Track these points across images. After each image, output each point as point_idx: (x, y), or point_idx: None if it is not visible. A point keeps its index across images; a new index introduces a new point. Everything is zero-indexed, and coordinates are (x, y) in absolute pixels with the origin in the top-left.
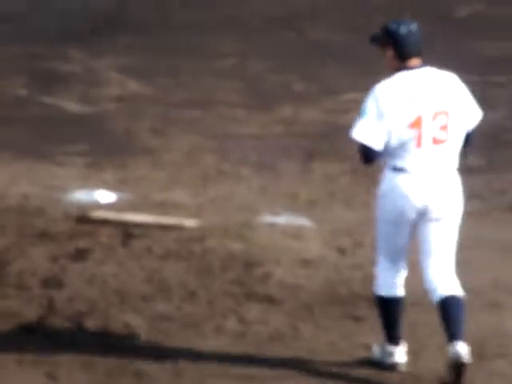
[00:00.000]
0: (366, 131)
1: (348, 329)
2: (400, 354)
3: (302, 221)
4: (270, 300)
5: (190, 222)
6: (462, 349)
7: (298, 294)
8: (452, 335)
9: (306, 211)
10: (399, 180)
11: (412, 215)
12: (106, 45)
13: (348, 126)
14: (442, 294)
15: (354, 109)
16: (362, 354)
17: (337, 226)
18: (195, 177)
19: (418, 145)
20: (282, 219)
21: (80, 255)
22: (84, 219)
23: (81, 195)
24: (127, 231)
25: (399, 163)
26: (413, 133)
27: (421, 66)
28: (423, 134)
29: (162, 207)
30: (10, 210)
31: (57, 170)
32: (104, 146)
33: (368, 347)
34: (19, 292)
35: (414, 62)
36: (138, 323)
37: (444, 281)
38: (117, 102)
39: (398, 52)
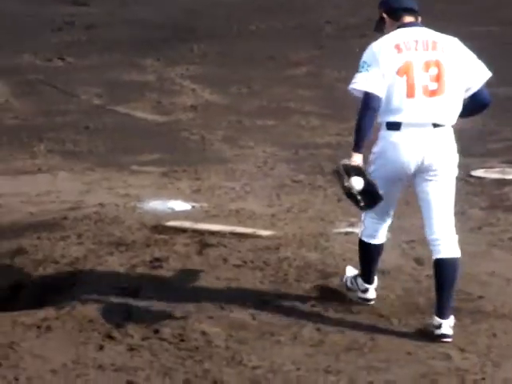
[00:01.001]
0: (366, 80)
1: (426, 338)
2: (372, 291)
3: None
4: (347, 310)
5: (265, 232)
6: (450, 329)
7: (375, 303)
8: (441, 312)
9: None
10: (393, 138)
11: (409, 171)
12: (179, 54)
13: None
14: (443, 255)
15: None
16: (440, 363)
17: (413, 235)
18: (270, 186)
19: (410, 95)
20: (359, 229)
21: (156, 264)
22: (160, 228)
23: (156, 204)
24: (202, 240)
25: (393, 118)
26: (402, 80)
27: (416, 24)
28: (414, 82)
29: (236, 217)
30: (87, 218)
31: (132, 180)
32: (178, 156)
33: (447, 356)
34: (97, 299)
35: (408, 19)
36: (215, 332)
37: (445, 240)
38: (191, 111)
39: (389, 13)
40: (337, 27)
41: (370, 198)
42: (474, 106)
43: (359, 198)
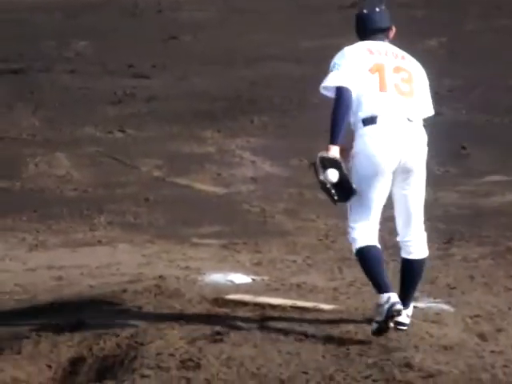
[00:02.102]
0: (337, 77)
1: None
2: (394, 297)
3: (441, 305)
4: None
5: (327, 306)
6: (406, 318)
7: (439, 379)
8: (403, 302)
9: (445, 295)
10: (370, 132)
11: (390, 166)
12: (240, 126)
13: (490, 209)
14: (413, 257)
15: (497, 192)
16: None
17: (477, 310)
18: (332, 259)
19: (382, 89)
20: (422, 303)
21: (217, 337)
22: (220, 301)
23: (217, 277)
24: (263, 314)
25: (367, 112)
26: (374, 77)
27: (383, 39)
28: (386, 79)
29: (298, 290)
30: (147, 291)
31: (192, 252)
32: (239, 228)
33: None
34: (158, 373)
35: (375, 38)
36: None
37: (417, 243)
38: (251, 183)
39: (359, 33)
40: None
41: (343, 191)
42: None
43: (333, 191)
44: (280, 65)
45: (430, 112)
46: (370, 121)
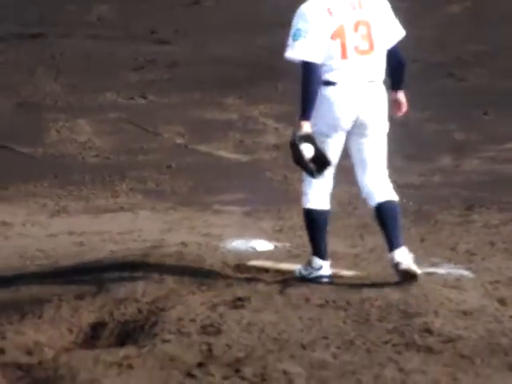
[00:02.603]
0: (304, 49)
1: (510, 379)
2: (326, 267)
3: (461, 271)
4: (429, 350)
5: (348, 272)
6: (405, 257)
7: (458, 344)
8: (392, 244)
9: (465, 261)
10: (330, 92)
11: (345, 125)
12: (262, 92)
13: (511, 176)
14: (379, 200)
15: None
16: None
17: (497, 276)
18: (353, 226)
19: (343, 56)
20: (442, 269)
21: (238, 303)
22: (242, 267)
23: (238, 244)
24: (285, 280)
25: (328, 76)
26: (336, 43)
27: None
28: (346, 44)
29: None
30: (169, 257)
31: (214, 219)
32: (261, 195)
33: None
34: (179, 338)
35: None
36: (296, 371)
37: (379, 188)
38: (274, 150)
39: None
40: (423, 66)
41: (319, 164)
42: (391, 64)
43: (311, 165)
44: None
45: (401, 33)
46: (329, 83)
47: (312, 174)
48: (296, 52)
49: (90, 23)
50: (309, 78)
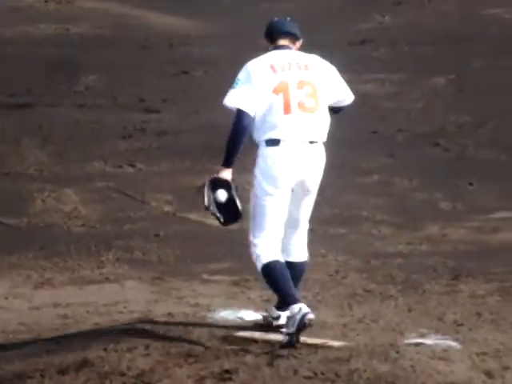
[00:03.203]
0: (238, 97)
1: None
2: (305, 307)
3: (449, 342)
4: None
5: (336, 342)
6: (306, 309)
7: None
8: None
9: (453, 332)
10: (273, 153)
11: (288, 184)
12: (250, 160)
13: (497, 246)
14: (294, 260)
15: (504, 228)
16: None
17: (484, 347)
18: (342, 296)
19: (286, 111)
20: (429, 340)
21: (225, 375)
22: (230, 339)
23: (226, 314)
24: (273, 351)
25: (271, 135)
26: (279, 98)
27: (289, 47)
28: (290, 99)
29: (308, 328)
30: (156, 329)
31: (202, 289)
32: (249, 264)
33: None
34: None
35: (283, 42)
36: None
37: (299, 248)
38: None
39: (266, 36)
40: (409, 135)
41: (230, 213)
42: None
43: (218, 214)
44: None
45: (351, 98)
46: (273, 142)
47: (219, 221)
48: (229, 99)
49: (77, 92)
50: (236, 126)
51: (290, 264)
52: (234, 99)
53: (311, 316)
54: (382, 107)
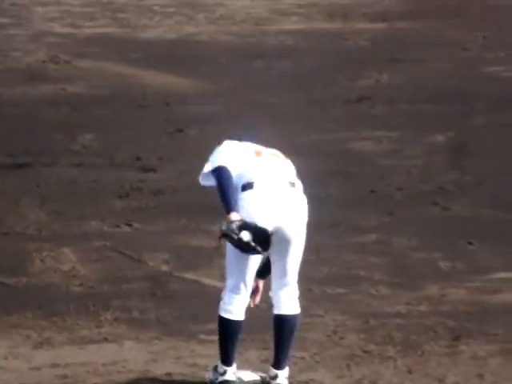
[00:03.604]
0: (212, 161)
1: None
2: (230, 373)
3: None
4: None
5: None
6: (283, 380)
7: None
8: (276, 364)
9: None
10: (248, 196)
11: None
12: None
13: (498, 306)
14: (283, 312)
15: (505, 289)
16: None
17: None
18: (340, 356)
19: (257, 154)
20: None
21: None
22: None
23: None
24: None
25: (245, 179)
26: (250, 151)
27: None
28: (261, 150)
29: None
30: None
31: (200, 349)
32: (246, 324)
33: None
34: None
35: None
36: None
37: (288, 299)
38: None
39: None
40: (407, 194)
41: (260, 239)
42: None
43: (253, 244)
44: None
45: None
46: (247, 186)
47: (259, 252)
48: (205, 168)
49: (74, 152)
50: (219, 178)
51: (279, 318)
52: (208, 165)
53: (232, 382)
54: (381, 165)
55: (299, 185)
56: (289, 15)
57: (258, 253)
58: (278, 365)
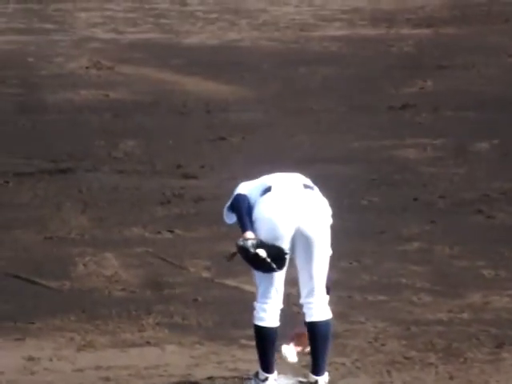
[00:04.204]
0: (230, 199)
1: None
2: (271, 380)
3: None
4: None
5: None
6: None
7: None
8: (316, 369)
9: None
10: (268, 197)
11: (285, 232)
12: None
13: None
14: (314, 319)
15: None
16: None
17: None
18: (381, 363)
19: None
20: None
21: None
22: None
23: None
24: None
25: (263, 187)
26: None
27: None
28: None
29: None
30: None
31: (241, 354)
32: (288, 329)
33: None
34: None
35: None
36: None
37: (317, 306)
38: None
39: None
40: (450, 202)
41: (276, 257)
42: None
43: (269, 261)
44: (330, 166)
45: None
46: (264, 191)
47: (274, 269)
48: (226, 207)
49: (116, 158)
50: (236, 202)
51: (312, 325)
52: (228, 204)
53: None
54: (424, 173)
55: (317, 189)
56: (332, 21)
57: (273, 270)
58: (317, 371)
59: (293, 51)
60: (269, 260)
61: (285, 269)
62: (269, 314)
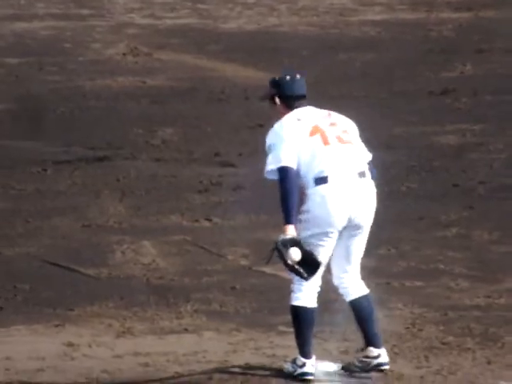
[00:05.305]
0: (276, 158)
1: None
2: (309, 365)
3: None
4: None
5: None
6: (385, 358)
7: None
8: (376, 341)
9: None
10: (322, 190)
11: (340, 224)
12: None
13: None
14: (355, 296)
15: None
16: None
17: None
18: (418, 348)
19: (325, 143)
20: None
21: None
22: None
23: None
24: None
25: (317, 172)
26: (316, 138)
27: (306, 105)
28: (327, 135)
29: (384, 378)
30: (233, 379)
31: (279, 340)
32: (325, 316)
33: None
34: None
35: (299, 103)
36: None
37: (355, 284)
38: None
39: (283, 99)
40: (490, 188)
41: (309, 265)
42: None
43: (301, 270)
44: (370, 152)
45: (369, 156)
46: (320, 180)
47: (302, 277)
48: (270, 165)
49: (154, 146)
50: (285, 182)
51: (354, 302)
52: (274, 162)
53: (309, 378)
54: (464, 159)
55: (368, 173)
56: (372, 5)
57: (301, 276)
58: (377, 343)
59: (332, 36)
60: (301, 269)
61: (323, 249)
62: (305, 293)
